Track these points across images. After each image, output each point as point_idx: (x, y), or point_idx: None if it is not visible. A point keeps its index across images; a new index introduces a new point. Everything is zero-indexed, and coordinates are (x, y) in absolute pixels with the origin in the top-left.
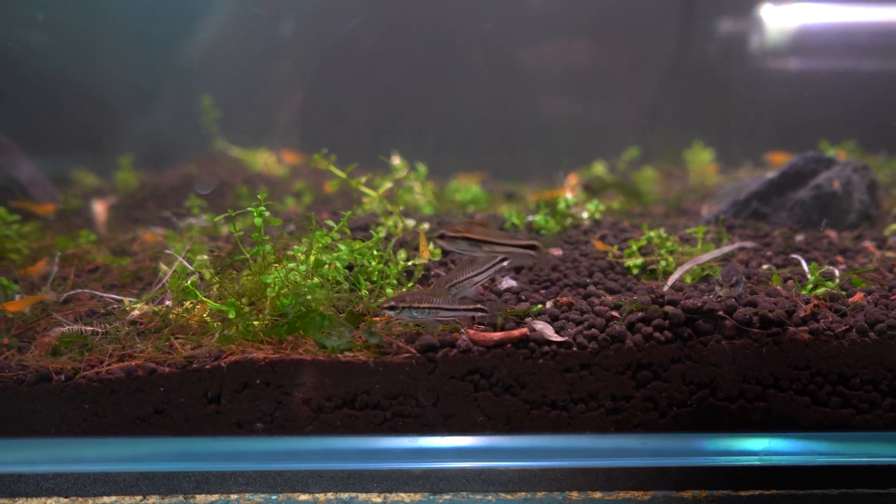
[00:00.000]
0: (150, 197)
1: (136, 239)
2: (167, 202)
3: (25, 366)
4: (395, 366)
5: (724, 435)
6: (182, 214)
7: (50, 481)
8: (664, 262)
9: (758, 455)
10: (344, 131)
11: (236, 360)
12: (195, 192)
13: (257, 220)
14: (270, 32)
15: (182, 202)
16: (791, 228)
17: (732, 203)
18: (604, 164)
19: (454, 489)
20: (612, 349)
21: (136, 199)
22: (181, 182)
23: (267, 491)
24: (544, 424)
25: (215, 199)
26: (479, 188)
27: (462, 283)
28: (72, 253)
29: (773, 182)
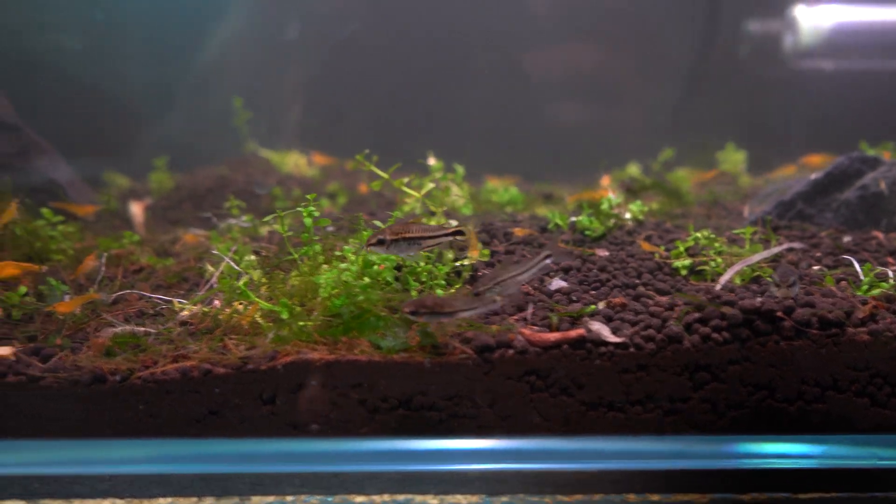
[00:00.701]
0: (186, 198)
1: (176, 240)
2: (203, 203)
3: (80, 366)
4: (451, 366)
5: (781, 437)
6: (222, 215)
7: (105, 483)
8: (713, 262)
9: (815, 458)
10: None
11: (291, 361)
12: (254, 192)
13: (307, 221)
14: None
15: (217, 203)
16: (837, 229)
17: (777, 204)
18: (638, 165)
19: (511, 491)
20: (669, 350)
21: (171, 200)
22: (215, 183)
23: (322, 492)
24: (601, 426)
25: (250, 200)
26: (516, 189)
27: (506, 282)
28: (116, 254)
29: (818, 182)
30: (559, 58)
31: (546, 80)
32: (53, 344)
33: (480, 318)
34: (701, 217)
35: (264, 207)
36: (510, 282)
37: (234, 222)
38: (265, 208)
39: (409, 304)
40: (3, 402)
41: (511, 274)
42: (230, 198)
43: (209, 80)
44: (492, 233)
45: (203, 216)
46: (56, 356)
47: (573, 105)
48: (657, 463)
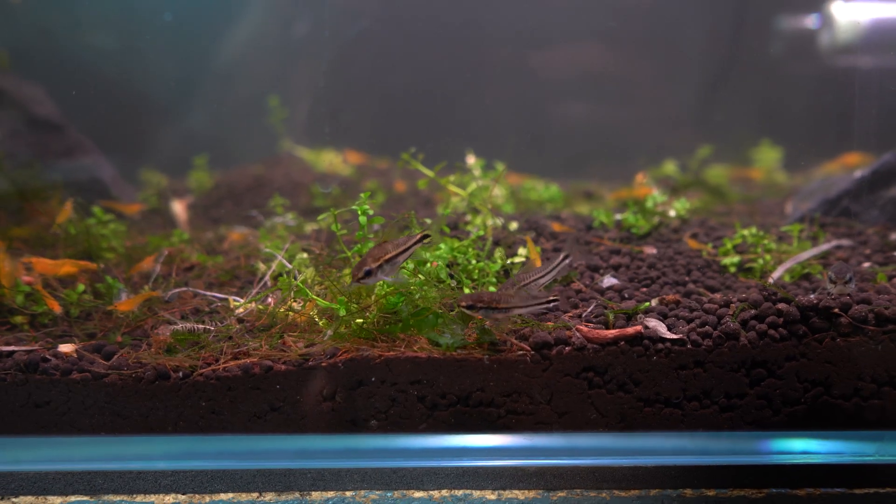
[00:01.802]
0: (226, 196)
1: (223, 238)
2: (243, 202)
3: (143, 363)
4: (509, 363)
5: (837, 433)
6: (265, 213)
7: (168, 478)
8: (762, 260)
9: (872, 455)
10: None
11: (351, 358)
12: (319, 190)
13: (362, 219)
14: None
15: (256, 202)
16: (884, 226)
17: (822, 201)
18: (674, 162)
19: (568, 487)
20: (726, 346)
21: (212, 198)
22: (254, 182)
23: (382, 488)
24: (657, 422)
25: (290, 198)
26: (556, 187)
27: (528, 286)
28: (167, 252)
29: (864, 180)
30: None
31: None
32: (114, 341)
33: (535, 316)
34: (744, 215)
35: (304, 205)
36: (532, 285)
37: (280, 220)
38: (305, 206)
39: (466, 298)
40: (66, 398)
41: (533, 277)
42: (274, 196)
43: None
44: (539, 230)
45: (248, 214)
46: (118, 353)
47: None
48: (713, 459)
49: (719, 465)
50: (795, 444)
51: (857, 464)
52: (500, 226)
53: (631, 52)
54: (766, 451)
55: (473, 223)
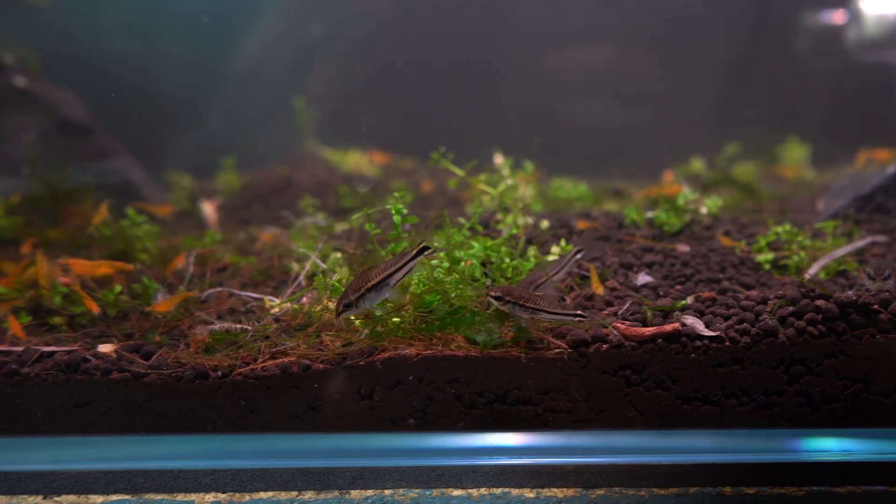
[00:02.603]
0: (254, 198)
1: (254, 238)
2: (270, 203)
3: (182, 363)
4: (546, 361)
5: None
6: (297, 213)
7: (208, 477)
8: (797, 256)
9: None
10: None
11: (389, 357)
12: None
13: (396, 218)
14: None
15: (285, 202)
16: None
17: (855, 197)
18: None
19: (607, 484)
20: (764, 343)
21: (240, 199)
22: (282, 183)
23: (421, 486)
24: (695, 419)
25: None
26: (585, 186)
27: (545, 284)
28: (200, 252)
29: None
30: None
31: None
32: (152, 341)
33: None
34: (775, 212)
35: (332, 206)
36: (548, 282)
37: (310, 221)
38: (333, 206)
39: (496, 289)
40: (107, 397)
41: (549, 275)
42: (304, 196)
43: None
44: (570, 229)
45: (278, 215)
46: (157, 353)
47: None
48: (752, 456)
49: (759, 463)
50: (835, 442)
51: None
52: (531, 224)
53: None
54: (806, 448)
55: (504, 222)
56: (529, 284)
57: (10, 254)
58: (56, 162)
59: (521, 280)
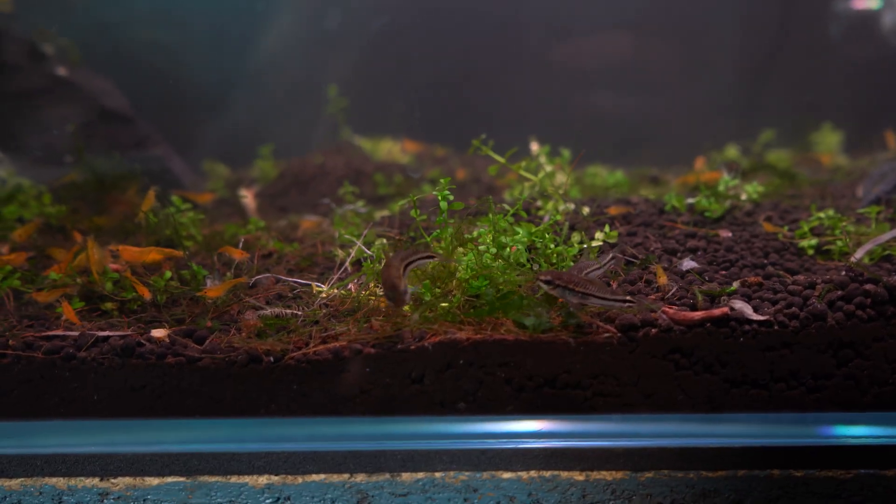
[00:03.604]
0: (291, 185)
1: (295, 226)
2: (307, 190)
3: (236, 347)
4: (596, 345)
5: None
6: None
7: (262, 459)
8: (840, 242)
9: None
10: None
11: (440, 341)
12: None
13: (442, 204)
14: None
15: (322, 190)
16: None
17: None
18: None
19: (656, 467)
20: (813, 327)
21: (278, 187)
22: (318, 171)
23: (471, 469)
24: (744, 403)
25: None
26: (621, 173)
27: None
28: (245, 239)
29: None
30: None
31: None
32: (204, 326)
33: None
34: (815, 198)
35: (369, 193)
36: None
37: (350, 208)
38: (369, 194)
39: (545, 273)
40: (161, 381)
41: (588, 270)
42: (344, 184)
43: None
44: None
45: (318, 202)
46: (209, 338)
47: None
48: (800, 440)
49: (806, 446)
50: (884, 426)
51: None
52: (571, 211)
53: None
54: (854, 432)
55: (545, 209)
56: (579, 272)
57: (58, 241)
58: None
59: (570, 267)
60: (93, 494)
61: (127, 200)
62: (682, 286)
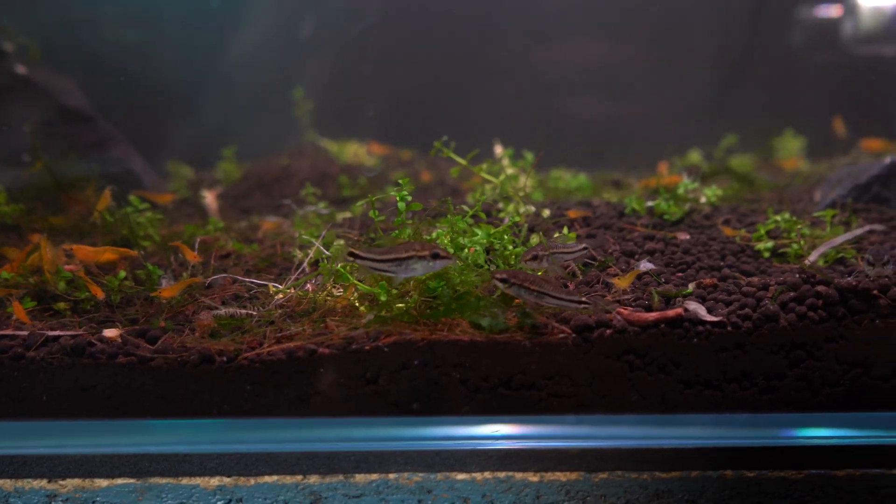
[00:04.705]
0: (255, 187)
1: (256, 227)
2: (271, 192)
3: (188, 347)
4: (551, 346)
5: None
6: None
7: (214, 461)
8: (796, 244)
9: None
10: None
11: (395, 341)
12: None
13: (400, 205)
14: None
15: (285, 192)
16: None
17: (852, 187)
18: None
19: (609, 468)
20: (765, 328)
21: (241, 189)
22: (282, 173)
23: (425, 470)
24: (698, 404)
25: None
26: (584, 176)
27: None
28: (202, 240)
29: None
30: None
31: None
32: (157, 326)
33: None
34: (773, 202)
35: (332, 195)
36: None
37: (312, 209)
38: (333, 196)
39: (501, 272)
40: (112, 381)
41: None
42: (306, 185)
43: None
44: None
45: (279, 204)
46: (162, 338)
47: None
48: (753, 440)
49: (759, 447)
50: (834, 426)
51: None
52: (532, 213)
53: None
54: (805, 432)
55: (506, 211)
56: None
57: (13, 240)
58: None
59: (522, 253)
60: (40, 496)
61: (84, 200)
62: (638, 287)
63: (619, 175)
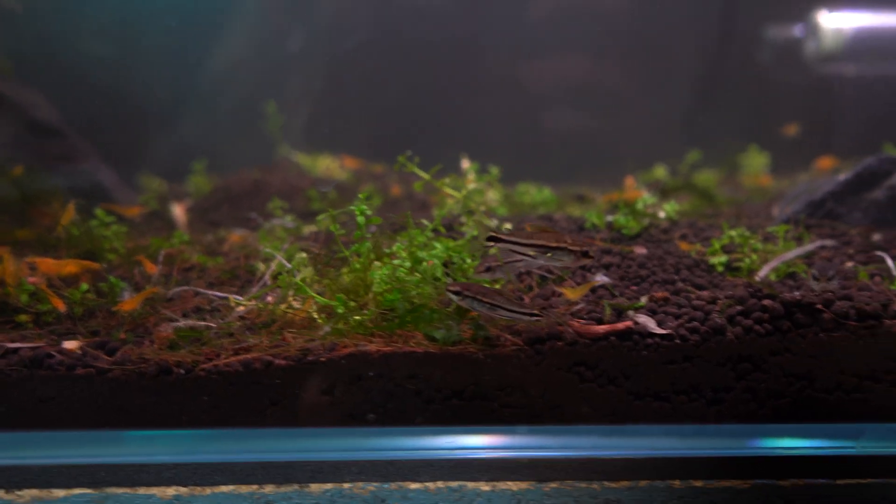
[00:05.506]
0: (224, 200)
1: (222, 240)
2: (241, 205)
3: (146, 359)
4: (503, 357)
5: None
6: (266, 216)
7: (170, 471)
8: (748, 259)
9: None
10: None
11: (350, 353)
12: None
13: (360, 219)
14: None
15: (254, 205)
16: (867, 228)
17: (807, 203)
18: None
19: (560, 478)
20: (713, 341)
21: (210, 202)
22: (253, 186)
23: (379, 480)
24: (647, 415)
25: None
26: (549, 191)
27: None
28: (167, 252)
29: (849, 182)
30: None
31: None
32: (118, 338)
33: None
34: (731, 217)
35: (301, 209)
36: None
37: (278, 222)
38: (302, 210)
39: (455, 284)
40: (71, 393)
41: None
42: (273, 199)
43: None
44: None
45: (247, 217)
46: (121, 350)
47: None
48: (701, 451)
49: (707, 457)
50: (780, 437)
51: (840, 455)
52: (494, 227)
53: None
54: (752, 443)
55: (468, 224)
56: (483, 268)
57: None
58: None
59: (476, 265)
60: None
61: (51, 214)
62: (592, 300)
63: (583, 190)
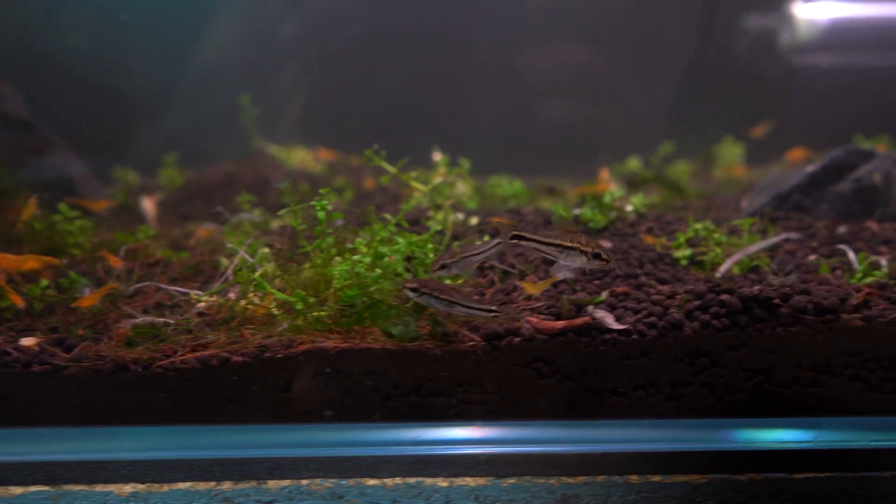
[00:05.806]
0: (196, 194)
1: (190, 234)
2: (213, 199)
3: (103, 356)
4: (461, 353)
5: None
6: (233, 210)
7: (127, 468)
8: (712, 253)
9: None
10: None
11: (307, 349)
12: (262, 187)
13: (320, 214)
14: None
15: (227, 199)
16: (833, 220)
17: (775, 196)
18: (638, 159)
19: (518, 473)
20: (671, 337)
21: (182, 195)
22: (224, 179)
23: (337, 476)
24: (605, 410)
25: (259, 195)
26: (520, 183)
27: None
28: (131, 247)
29: (815, 175)
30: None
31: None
32: (76, 335)
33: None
34: (701, 209)
35: (273, 202)
36: (468, 260)
37: (246, 217)
38: (273, 203)
39: (412, 281)
40: (28, 390)
41: (469, 253)
42: (241, 193)
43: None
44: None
45: (214, 211)
46: (79, 346)
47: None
48: (658, 445)
49: (664, 452)
50: (737, 431)
51: (797, 449)
52: (460, 221)
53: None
54: (710, 438)
55: (435, 218)
56: (452, 256)
57: None
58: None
59: (445, 251)
60: None
61: (15, 209)
62: (553, 295)
63: (556, 182)
